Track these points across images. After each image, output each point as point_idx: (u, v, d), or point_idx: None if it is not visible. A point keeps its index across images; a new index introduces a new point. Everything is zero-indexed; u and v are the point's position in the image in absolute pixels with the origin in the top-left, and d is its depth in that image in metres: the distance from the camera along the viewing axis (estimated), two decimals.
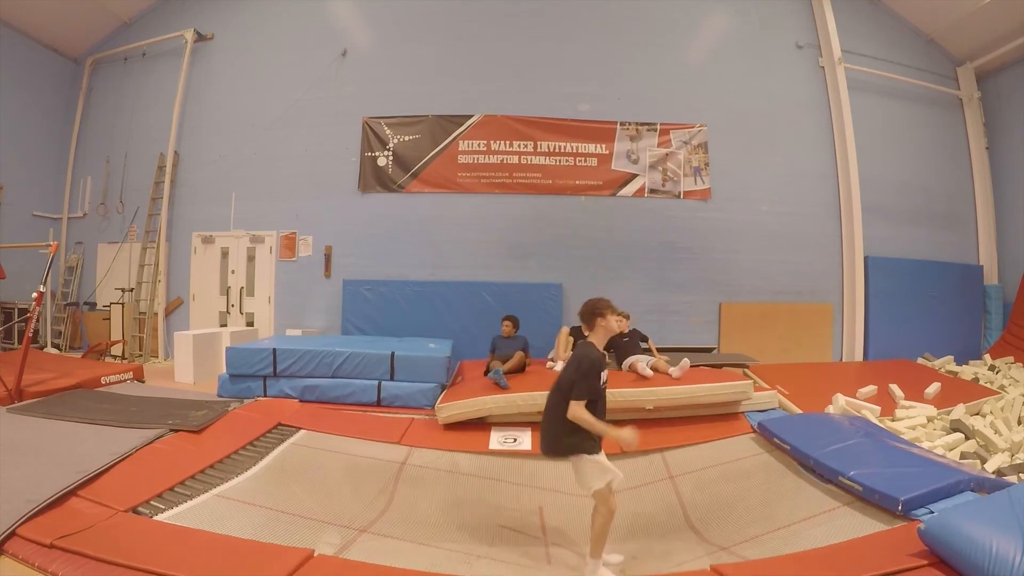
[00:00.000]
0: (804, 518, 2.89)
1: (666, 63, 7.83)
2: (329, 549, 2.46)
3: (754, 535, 2.82)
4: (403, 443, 4.11)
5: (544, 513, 3.31)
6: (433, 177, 7.65)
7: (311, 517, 2.82)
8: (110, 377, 5.26)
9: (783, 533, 2.79)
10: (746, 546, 2.71)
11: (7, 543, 2.20)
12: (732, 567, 2.26)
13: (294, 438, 4.07)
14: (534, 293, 7.31)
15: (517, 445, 4.12)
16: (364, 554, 2.48)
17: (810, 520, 2.84)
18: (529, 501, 3.44)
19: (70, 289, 8.39)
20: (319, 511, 2.91)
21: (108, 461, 3.04)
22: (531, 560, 2.77)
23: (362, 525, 2.79)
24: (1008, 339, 7.75)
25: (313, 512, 2.89)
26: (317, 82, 7.84)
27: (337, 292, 7.53)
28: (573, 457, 2.68)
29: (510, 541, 2.95)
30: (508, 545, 2.91)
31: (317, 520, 2.79)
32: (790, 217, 7.77)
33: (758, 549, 2.61)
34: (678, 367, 4.79)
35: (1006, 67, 8.31)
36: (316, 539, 2.52)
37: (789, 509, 3.07)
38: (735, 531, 2.91)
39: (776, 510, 3.12)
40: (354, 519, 2.85)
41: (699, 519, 3.13)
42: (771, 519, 3.00)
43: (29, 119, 8.19)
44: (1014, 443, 3.88)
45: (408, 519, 2.98)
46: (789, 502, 3.17)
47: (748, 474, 3.68)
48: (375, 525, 2.84)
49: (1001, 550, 1.86)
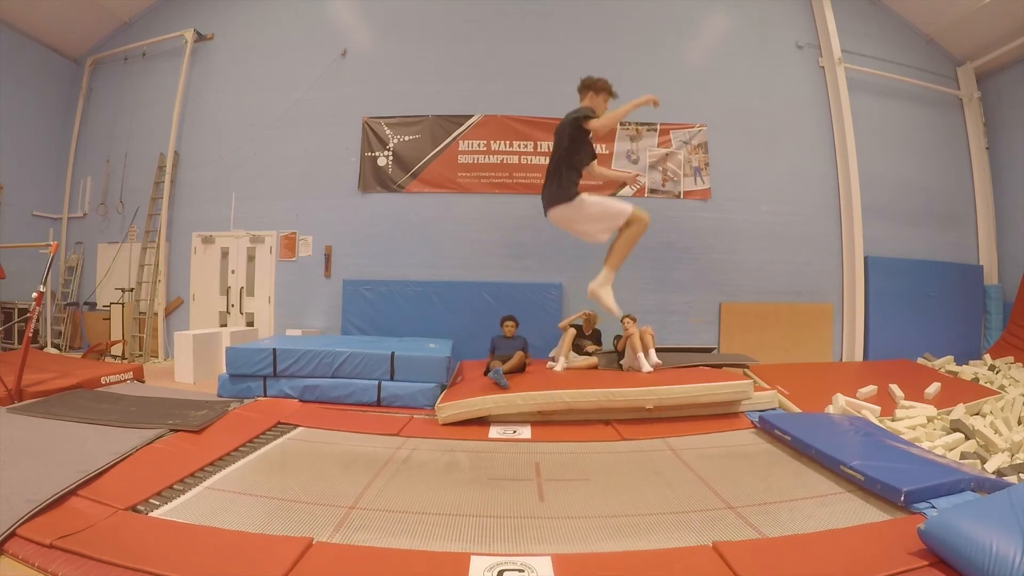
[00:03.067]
0: (806, 496, 2.92)
1: (666, 63, 7.83)
2: (325, 530, 2.46)
3: (760, 501, 2.86)
4: (401, 435, 4.14)
5: (540, 468, 3.44)
6: (433, 177, 7.65)
7: (305, 501, 2.81)
8: (110, 377, 5.25)
9: (788, 505, 2.82)
10: (752, 510, 2.74)
11: (7, 543, 2.19)
12: (732, 546, 2.28)
13: (291, 434, 4.09)
14: (534, 293, 7.31)
15: (517, 435, 4.16)
16: (359, 530, 2.48)
17: (812, 500, 2.87)
18: (525, 465, 3.53)
19: (70, 289, 8.39)
20: (313, 494, 2.91)
21: (108, 461, 3.04)
22: (523, 497, 2.90)
23: (353, 503, 2.80)
24: (1008, 339, 7.75)
25: (307, 496, 2.88)
26: (317, 82, 7.84)
27: (337, 292, 7.53)
28: (578, 200, 2.80)
29: (501, 487, 3.08)
30: (499, 491, 3.02)
31: (312, 503, 2.78)
32: (790, 217, 7.77)
33: (764, 518, 2.63)
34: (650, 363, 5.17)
35: (1006, 67, 8.31)
36: (313, 524, 2.52)
37: (792, 486, 3.11)
38: (742, 495, 2.94)
39: (780, 484, 3.17)
40: (347, 498, 2.85)
41: (708, 479, 3.21)
42: (775, 490, 3.05)
43: (29, 119, 8.19)
44: (1014, 443, 3.88)
45: (401, 492, 2.99)
46: (792, 480, 3.22)
47: (751, 456, 3.76)
48: (368, 500, 2.85)
49: (1001, 550, 1.86)
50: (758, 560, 2.18)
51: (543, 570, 2.08)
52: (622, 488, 3.14)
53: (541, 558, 2.17)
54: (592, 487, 3.17)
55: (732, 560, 2.13)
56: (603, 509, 2.80)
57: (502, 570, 2.08)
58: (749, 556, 2.19)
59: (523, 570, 2.08)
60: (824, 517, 2.64)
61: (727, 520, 2.63)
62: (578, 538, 2.47)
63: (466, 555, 2.20)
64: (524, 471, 3.43)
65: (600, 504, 2.87)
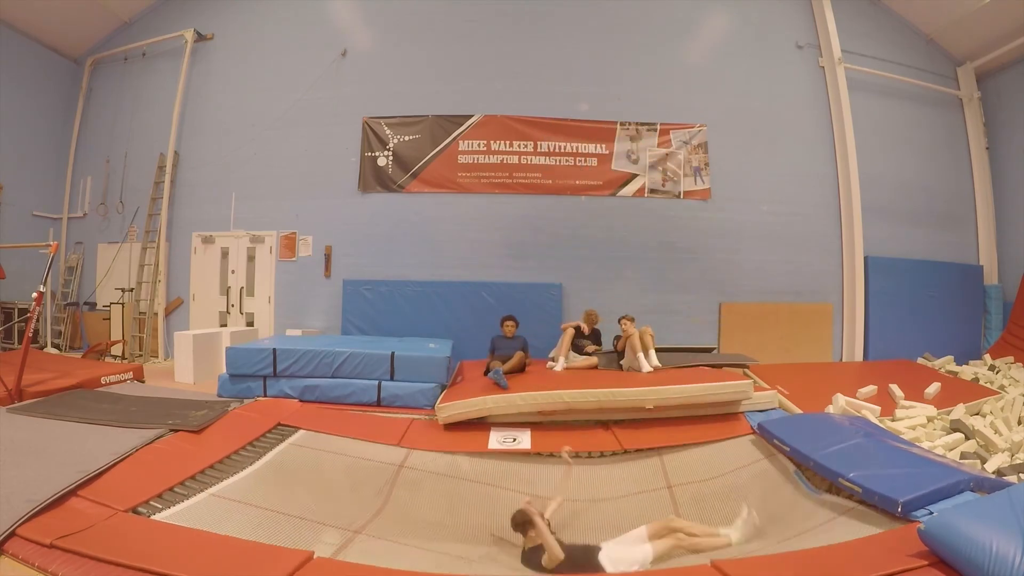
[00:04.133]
0: (803, 531, 2.86)
1: (666, 63, 7.83)
2: (327, 550, 2.45)
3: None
4: (402, 445, 4.10)
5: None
6: (433, 177, 7.65)
7: (309, 518, 2.81)
8: (110, 377, 5.25)
9: (787, 521, 2.81)
10: (749, 548, 2.70)
11: (7, 543, 2.20)
12: (732, 563, 2.26)
13: (293, 438, 4.06)
14: (534, 293, 7.31)
15: (517, 445, 4.13)
16: (361, 555, 2.48)
17: (809, 533, 2.81)
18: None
19: (70, 289, 8.39)
20: (317, 512, 2.91)
21: (108, 461, 3.04)
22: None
23: (359, 526, 2.78)
24: (1008, 339, 7.75)
25: (311, 513, 2.88)
26: (317, 82, 7.84)
27: (337, 292, 7.53)
28: None
29: (507, 544, 2.96)
30: (506, 546, 2.92)
31: (315, 521, 2.78)
32: (790, 217, 7.77)
33: (759, 543, 2.63)
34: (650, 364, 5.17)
35: (1006, 67, 8.31)
36: (315, 540, 2.52)
37: (791, 501, 3.09)
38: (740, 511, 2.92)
39: (778, 499, 3.14)
40: (352, 520, 2.84)
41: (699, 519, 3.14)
42: (774, 506, 3.03)
43: (29, 119, 8.18)
44: (1014, 443, 3.88)
45: (406, 520, 2.98)
46: (788, 512, 3.14)
47: (747, 484, 3.61)
48: (372, 527, 2.84)
49: (1001, 550, 1.86)
50: (758, 575, 2.16)
51: None
52: (621, 503, 3.07)
53: None
54: (591, 505, 3.12)
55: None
56: (604, 527, 2.77)
57: None
58: (749, 574, 2.18)
59: None
60: (823, 532, 2.62)
61: (725, 553, 2.58)
62: None
63: None
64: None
65: (601, 521, 2.84)
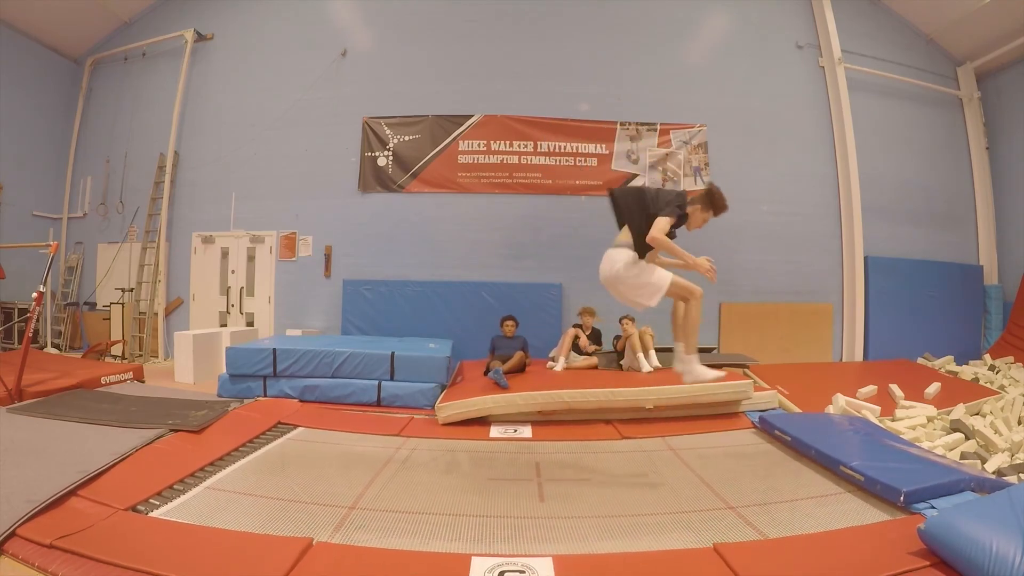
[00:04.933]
0: (807, 497, 2.93)
1: (666, 63, 7.83)
2: (325, 531, 2.46)
3: (761, 502, 2.86)
4: (402, 435, 4.14)
5: (540, 468, 3.45)
6: (433, 177, 7.65)
7: (306, 501, 2.81)
8: (110, 377, 5.25)
9: (788, 506, 2.82)
10: (753, 510, 2.73)
11: (7, 543, 2.19)
12: (733, 547, 2.27)
13: (291, 434, 4.09)
14: (534, 293, 7.32)
15: (518, 435, 4.17)
16: (358, 531, 2.49)
17: (813, 500, 2.88)
18: (526, 465, 3.54)
19: (70, 289, 8.39)
20: (313, 494, 2.90)
21: (108, 461, 3.03)
22: (524, 499, 2.90)
23: (353, 503, 2.79)
24: (1008, 339, 7.75)
25: (306, 495, 2.88)
26: (317, 82, 7.84)
27: (337, 292, 7.53)
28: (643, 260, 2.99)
29: (501, 488, 3.08)
30: (499, 492, 3.02)
31: (311, 503, 2.78)
32: (790, 217, 7.77)
33: (765, 518, 2.63)
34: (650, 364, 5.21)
35: (1006, 67, 8.31)
36: (312, 524, 2.52)
37: (792, 487, 3.12)
38: (741, 495, 2.95)
39: (780, 484, 3.17)
40: (347, 498, 2.85)
41: (709, 479, 3.23)
42: (775, 491, 3.06)
43: (29, 119, 8.18)
44: (1014, 443, 3.88)
45: (402, 492, 2.99)
46: (792, 480, 3.23)
47: (751, 456, 3.77)
48: (368, 500, 2.85)
49: (1001, 550, 1.85)
50: (759, 561, 2.17)
51: (544, 571, 2.08)
52: (622, 488, 3.14)
53: (542, 559, 2.16)
54: (592, 487, 3.17)
55: (733, 561, 2.12)
56: (603, 509, 2.80)
57: (503, 571, 2.08)
58: (750, 557, 2.19)
59: (524, 571, 2.08)
60: (824, 518, 2.64)
61: (727, 520, 2.63)
62: (579, 539, 2.47)
63: (467, 556, 2.20)
64: (524, 471, 3.43)
65: (600, 504, 2.87)
